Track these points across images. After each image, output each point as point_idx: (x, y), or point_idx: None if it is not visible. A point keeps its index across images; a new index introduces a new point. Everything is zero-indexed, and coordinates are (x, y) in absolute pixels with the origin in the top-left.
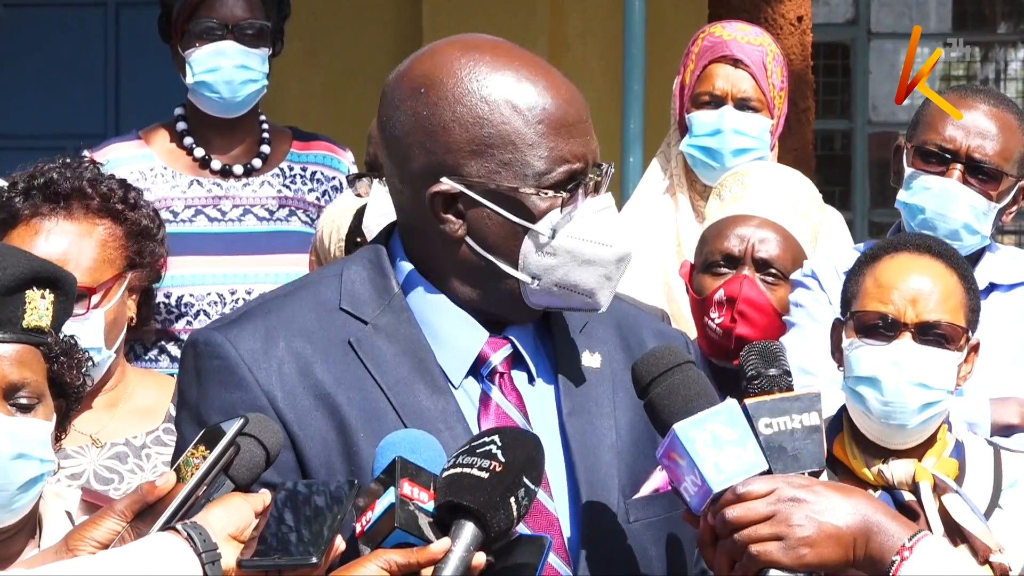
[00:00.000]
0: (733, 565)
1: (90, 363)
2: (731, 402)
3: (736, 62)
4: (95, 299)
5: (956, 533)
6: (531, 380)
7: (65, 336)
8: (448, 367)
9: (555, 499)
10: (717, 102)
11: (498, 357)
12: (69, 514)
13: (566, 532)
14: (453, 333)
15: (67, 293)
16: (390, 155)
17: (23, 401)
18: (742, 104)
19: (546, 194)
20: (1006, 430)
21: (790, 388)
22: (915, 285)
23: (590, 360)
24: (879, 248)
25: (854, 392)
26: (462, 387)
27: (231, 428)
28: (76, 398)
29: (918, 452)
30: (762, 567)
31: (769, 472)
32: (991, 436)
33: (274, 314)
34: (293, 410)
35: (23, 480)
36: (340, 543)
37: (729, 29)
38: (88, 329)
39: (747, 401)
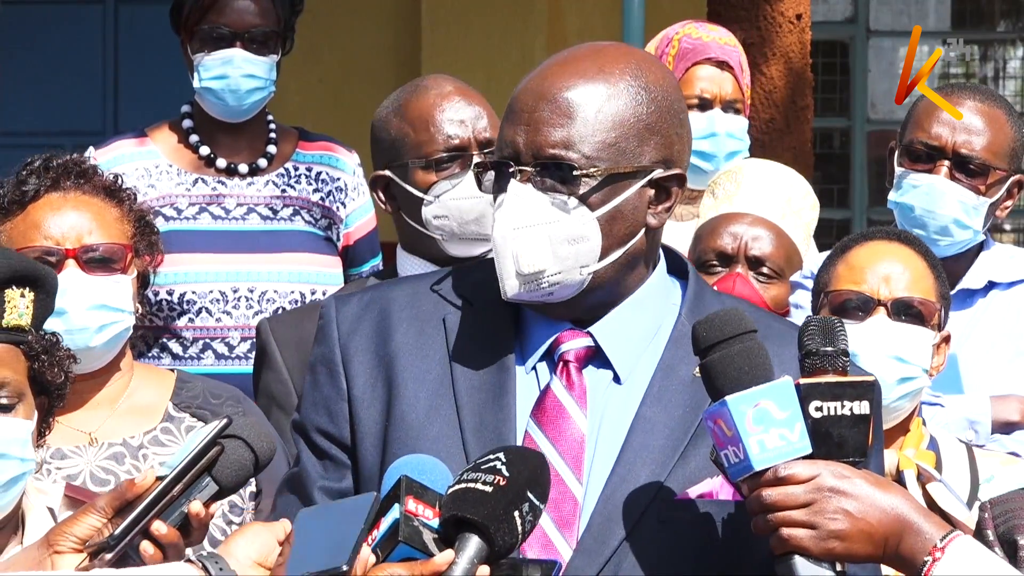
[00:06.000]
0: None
1: (72, 360)
2: (786, 380)
3: (720, 64)
4: (121, 264)
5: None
6: (617, 379)
7: (46, 334)
8: (525, 351)
9: (590, 488)
10: (704, 104)
11: (568, 347)
12: (51, 510)
13: (584, 521)
14: (536, 321)
15: (48, 291)
16: None
17: (3, 401)
18: (728, 106)
19: (485, 175)
20: (1006, 427)
21: (845, 369)
22: (887, 266)
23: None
24: (850, 239)
25: None
26: (535, 372)
27: (212, 428)
28: (58, 395)
29: (896, 442)
30: (789, 551)
31: (812, 456)
32: (992, 433)
33: (386, 288)
34: (359, 367)
35: (3, 480)
36: (368, 555)
37: (702, 30)
38: (120, 290)
39: (801, 381)
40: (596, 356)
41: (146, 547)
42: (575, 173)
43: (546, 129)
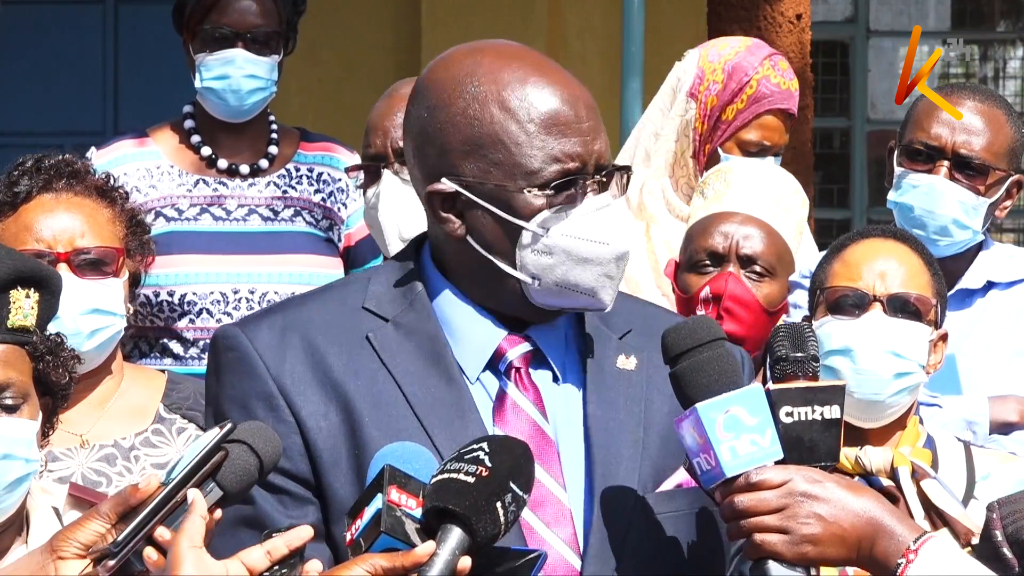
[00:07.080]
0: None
1: (76, 361)
2: (756, 386)
3: (789, 115)
4: (113, 267)
5: (936, 517)
6: (556, 379)
7: (51, 335)
8: (465, 362)
9: (569, 491)
10: (762, 151)
11: (515, 353)
12: (56, 510)
13: (579, 524)
14: (470, 330)
15: (52, 292)
16: (408, 157)
17: (8, 401)
18: (776, 153)
19: (536, 193)
20: (1005, 428)
21: (815, 374)
22: (883, 263)
23: (625, 363)
24: (846, 238)
25: (826, 368)
26: (479, 382)
27: (216, 432)
28: (62, 396)
29: (893, 440)
30: (763, 556)
31: (784, 462)
32: (990, 434)
33: (294, 311)
34: (301, 397)
35: (9, 480)
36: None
37: (778, 71)
38: (112, 293)
39: (771, 387)
40: (535, 358)
41: (149, 553)
42: (631, 176)
43: (599, 137)
